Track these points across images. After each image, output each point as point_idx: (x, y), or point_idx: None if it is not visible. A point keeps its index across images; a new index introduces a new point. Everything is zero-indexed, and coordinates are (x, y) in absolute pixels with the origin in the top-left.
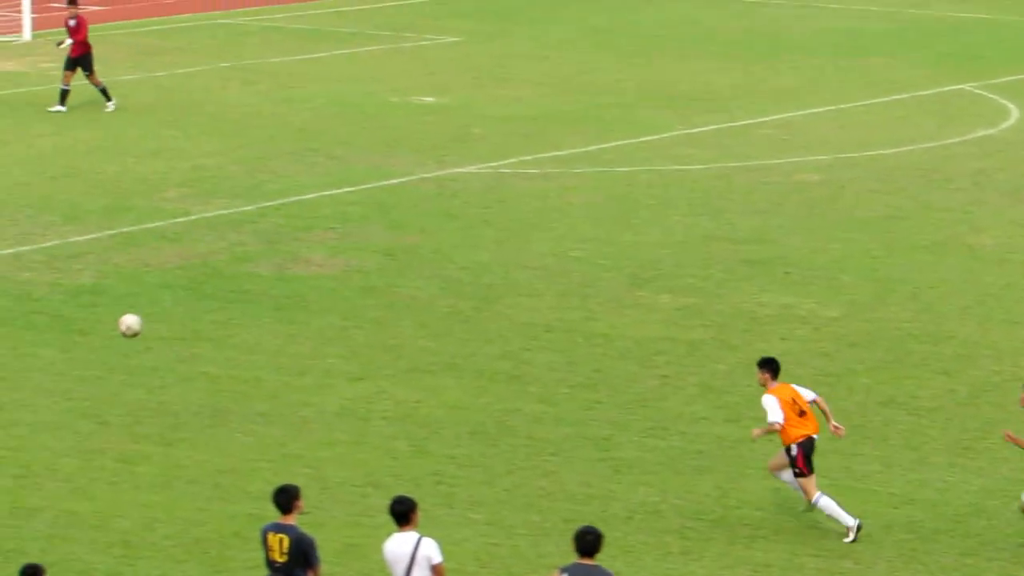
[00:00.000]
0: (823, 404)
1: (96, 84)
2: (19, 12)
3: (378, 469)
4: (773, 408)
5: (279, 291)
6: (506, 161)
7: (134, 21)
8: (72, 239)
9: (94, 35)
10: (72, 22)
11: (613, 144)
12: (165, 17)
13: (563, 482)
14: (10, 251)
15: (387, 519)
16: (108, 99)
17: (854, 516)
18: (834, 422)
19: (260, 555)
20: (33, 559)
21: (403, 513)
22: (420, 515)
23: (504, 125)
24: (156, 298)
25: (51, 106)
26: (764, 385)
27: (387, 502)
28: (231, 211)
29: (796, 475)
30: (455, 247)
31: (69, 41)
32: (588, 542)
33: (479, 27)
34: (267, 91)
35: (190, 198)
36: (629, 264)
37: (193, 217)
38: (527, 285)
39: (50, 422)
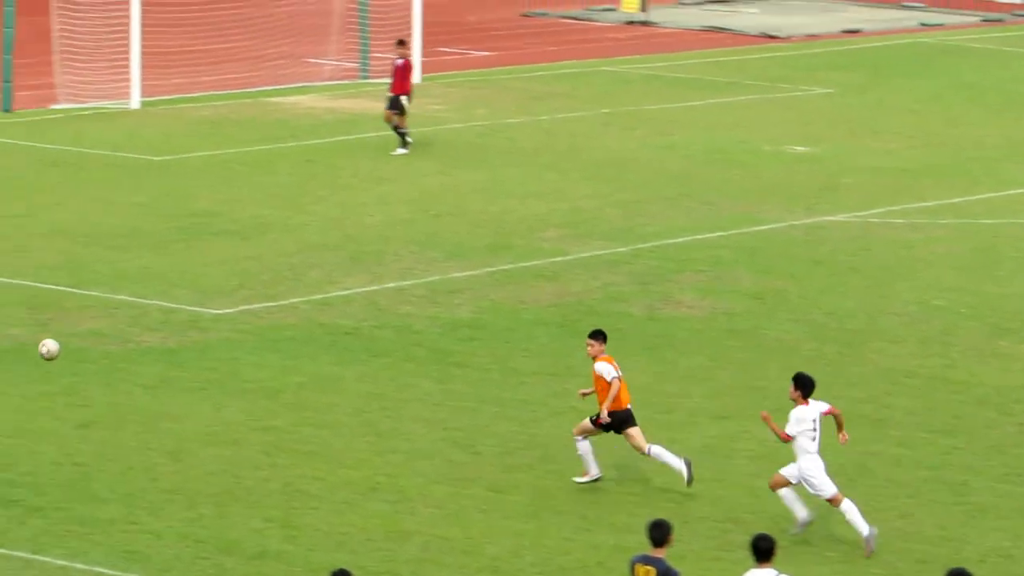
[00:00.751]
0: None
1: (399, 125)
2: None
3: (739, 506)
4: (611, 370)
5: (649, 331)
6: (874, 211)
7: (521, 67)
8: (453, 275)
9: (483, 79)
10: (399, 61)
11: (979, 197)
12: (550, 63)
13: (919, 524)
14: (393, 285)
15: (746, 555)
16: (403, 145)
17: (685, 460)
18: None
19: None
20: None
21: (766, 550)
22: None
23: (873, 176)
24: (531, 334)
25: (394, 149)
26: (595, 357)
27: (747, 538)
28: (606, 252)
29: (592, 422)
30: (821, 293)
31: (400, 96)
32: None
33: (852, 79)
34: (645, 137)
35: (568, 239)
36: (991, 314)
37: (570, 257)
38: (890, 331)
39: (425, 450)
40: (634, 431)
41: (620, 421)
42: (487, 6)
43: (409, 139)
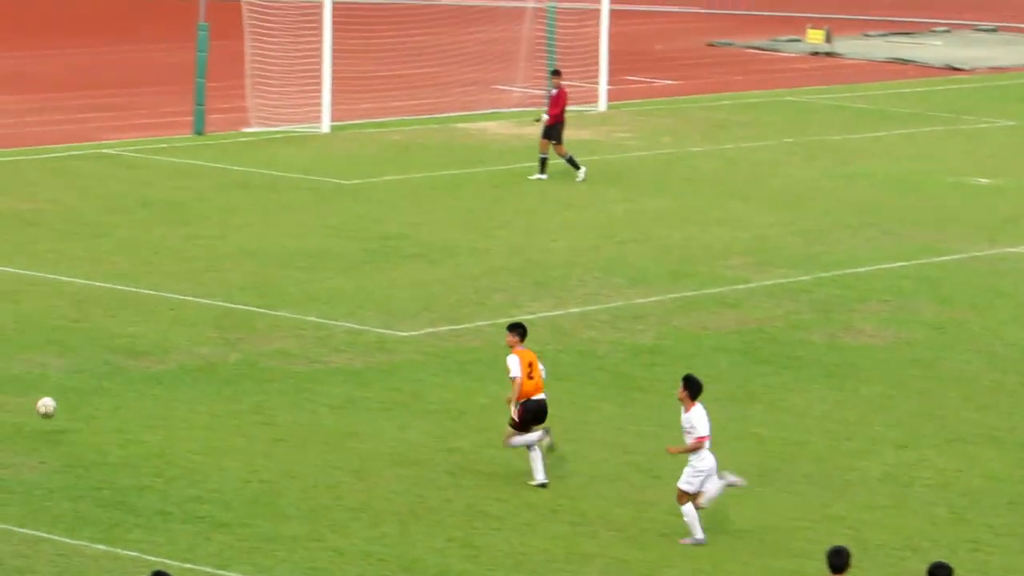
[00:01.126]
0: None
1: (562, 155)
2: (596, 84)
3: (917, 534)
4: (515, 365)
5: (830, 359)
6: None
7: (706, 96)
8: (636, 301)
9: (670, 107)
10: (553, 91)
11: None
12: (735, 93)
13: None
14: (577, 310)
15: None
16: (577, 168)
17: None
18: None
19: None
20: None
21: None
22: None
23: None
24: (712, 360)
25: (532, 174)
26: (512, 346)
27: (924, 566)
28: (788, 280)
29: (510, 423)
30: (1003, 324)
31: (546, 116)
32: None
33: None
34: (828, 167)
35: (751, 266)
36: None
37: (752, 284)
38: None
39: (606, 474)
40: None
41: (540, 410)
42: (674, 35)
43: (543, 169)
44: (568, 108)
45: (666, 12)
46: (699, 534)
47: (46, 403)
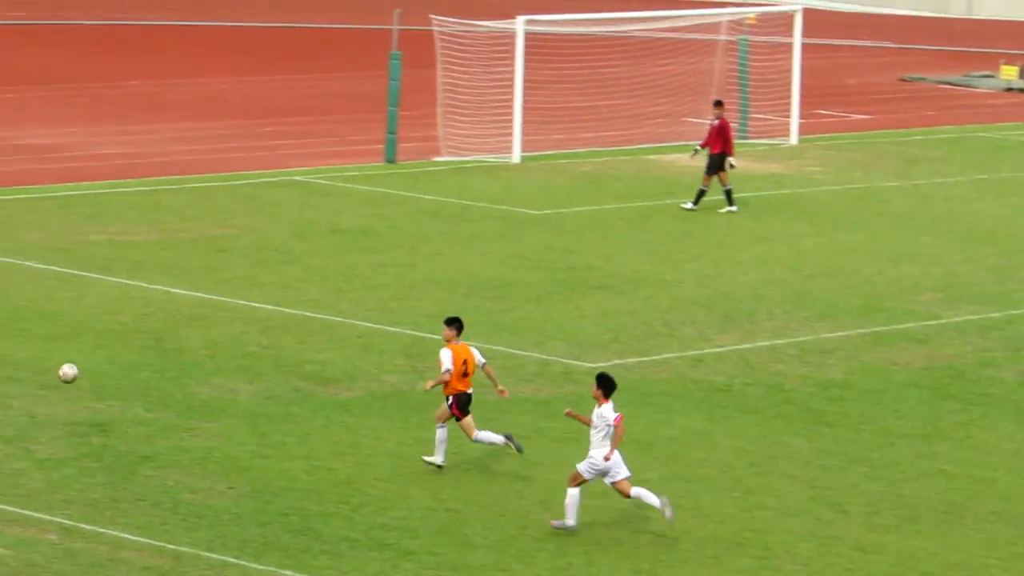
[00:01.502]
0: (491, 371)
1: (704, 186)
2: (787, 117)
3: None
4: (447, 360)
5: (1020, 396)
6: None
7: (898, 130)
8: (824, 335)
9: (861, 142)
10: (715, 122)
11: None
12: (927, 128)
13: None
14: (766, 343)
15: None
16: (695, 204)
17: (505, 435)
18: (500, 386)
19: None
20: None
21: None
22: None
23: None
24: (901, 396)
25: (722, 208)
26: (448, 340)
27: None
28: (979, 317)
29: (456, 420)
30: None
31: (698, 148)
32: None
33: None
34: (1020, 204)
35: (941, 302)
36: None
37: (942, 321)
38: None
39: (793, 507)
40: (466, 420)
41: (469, 402)
42: (866, 70)
43: (732, 200)
44: (759, 141)
45: (859, 46)
46: (571, 520)
47: (71, 372)
